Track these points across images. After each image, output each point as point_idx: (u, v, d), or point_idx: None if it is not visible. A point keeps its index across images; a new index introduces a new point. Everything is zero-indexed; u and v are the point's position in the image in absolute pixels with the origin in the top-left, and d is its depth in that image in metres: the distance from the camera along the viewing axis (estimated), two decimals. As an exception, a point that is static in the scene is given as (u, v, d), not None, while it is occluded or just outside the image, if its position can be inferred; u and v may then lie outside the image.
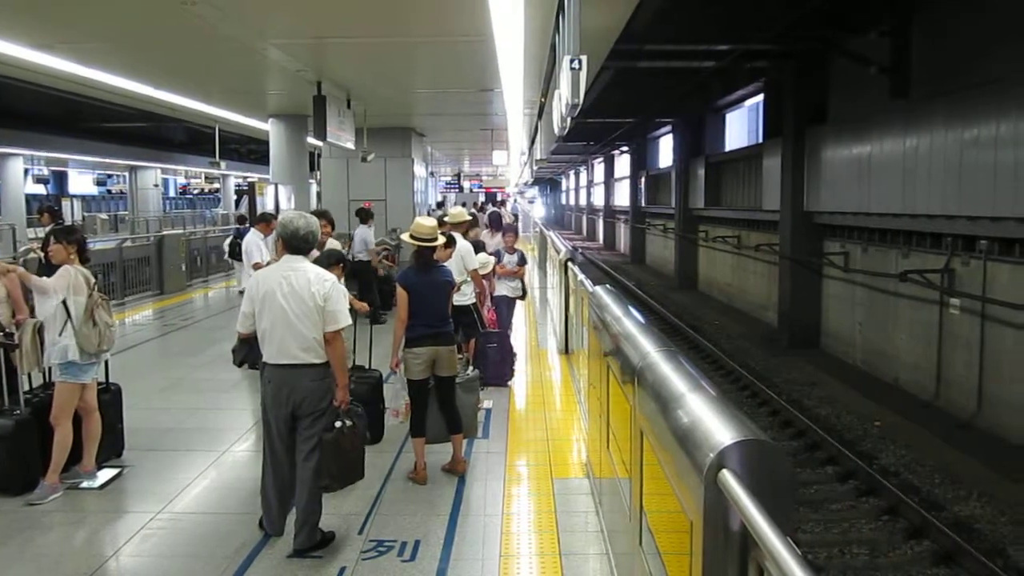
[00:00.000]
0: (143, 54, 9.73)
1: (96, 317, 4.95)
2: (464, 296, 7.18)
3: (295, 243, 4.23)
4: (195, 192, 52.47)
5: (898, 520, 7.61)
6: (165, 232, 19.93)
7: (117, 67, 10.51)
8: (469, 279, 7.23)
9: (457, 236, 7.44)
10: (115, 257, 13.54)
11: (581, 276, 7.61)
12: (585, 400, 6.26)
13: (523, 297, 8.98)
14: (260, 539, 4.35)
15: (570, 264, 8.95)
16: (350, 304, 4.71)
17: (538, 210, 65.01)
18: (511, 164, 28.75)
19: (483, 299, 7.89)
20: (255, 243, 8.62)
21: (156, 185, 36.16)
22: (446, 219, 7.76)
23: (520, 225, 32.37)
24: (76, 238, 5.11)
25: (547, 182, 67.37)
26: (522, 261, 8.81)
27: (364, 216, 11.79)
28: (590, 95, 16.96)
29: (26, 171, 28.61)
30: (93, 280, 5.05)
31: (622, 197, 37.33)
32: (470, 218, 8.07)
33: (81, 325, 4.87)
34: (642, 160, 32.19)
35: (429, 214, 14.28)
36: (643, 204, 32.06)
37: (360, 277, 10.77)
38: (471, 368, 6.12)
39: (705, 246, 23.47)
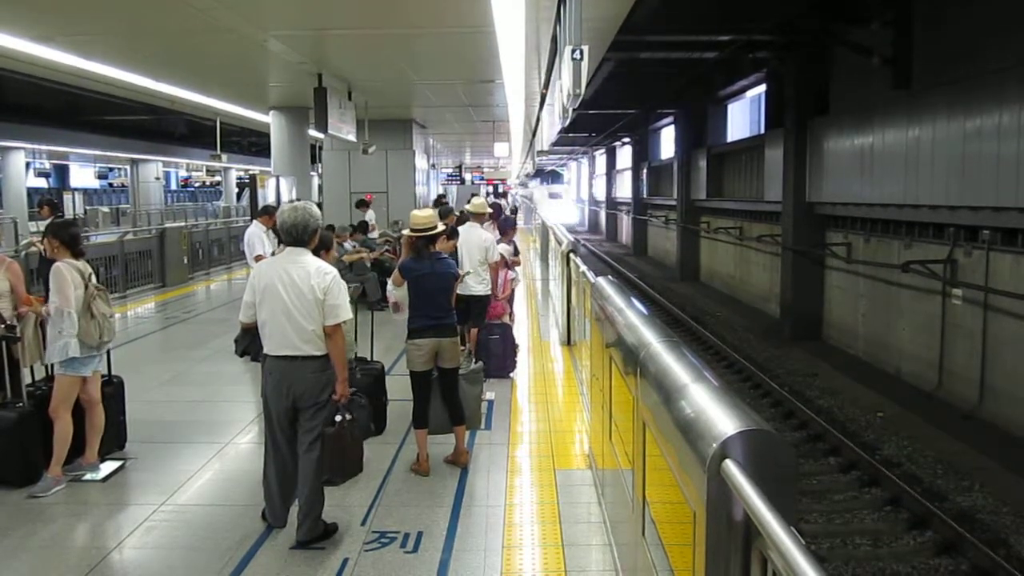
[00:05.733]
0: (143, 46, 9.71)
1: (94, 309, 4.92)
2: (481, 285, 7.29)
3: (286, 236, 4.22)
4: (197, 185, 52.46)
5: (900, 511, 7.61)
6: (167, 225, 19.94)
7: (117, 59, 10.50)
8: (478, 271, 7.26)
9: (476, 227, 7.47)
10: (117, 250, 13.53)
11: (583, 267, 7.60)
12: (587, 391, 6.26)
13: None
14: (263, 531, 4.35)
15: (572, 256, 8.94)
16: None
17: (563, 210, 52.59)
18: (513, 156, 28.72)
19: (507, 290, 8.02)
20: (257, 235, 8.60)
21: (157, 178, 36.19)
22: (466, 207, 7.87)
23: (520, 218, 32.39)
24: (65, 234, 5.01)
25: (548, 174, 67.08)
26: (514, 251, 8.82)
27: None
28: (592, 86, 16.94)
29: (28, 165, 28.61)
30: (88, 271, 5.02)
31: (624, 188, 37.27)
32: (491, 209, 8.11)
33: (79, 318, 4.85)
34: (644, 151, 32.14)
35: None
36: (645, 195, 32.01)
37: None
38: (475, 360, 6.11)
39: (707, 237, 23.44)
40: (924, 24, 11.46)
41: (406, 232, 5.43)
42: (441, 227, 5.49)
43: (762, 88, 18.99)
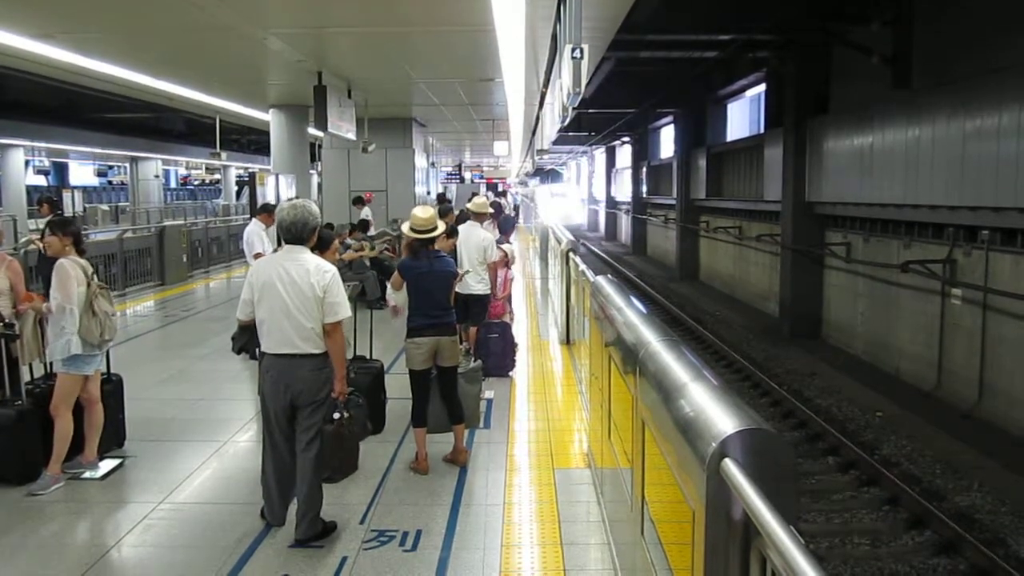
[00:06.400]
0: (143, 44, 9.70)
1: (96, 307, 4.93)
2: (480, 284, 7.32)
3: (285, 234, 4.22)
4: (196, 183, 52.45)
5: (899, 510, 7.61)
6: (166, 223, 19.93)
7: (117, 57, 10.49)
8: (477, 270, 7.27)
9: (476, 226, 7.48)
10: (116, 248, 13.52)
11: (583, 266, 7.60)
12: (586, 390, 6.26)
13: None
14: (262, 529, 4.35)
15: (571, 255, 8.94)
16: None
17: (567, 211, 46.85)
18: (512, 155, 28.70)
19: (506, 289, 8.04)
20: (256, 233, 8.60)
21: (157, 176, 36.17)
22: (468, 205, 7.87)
23: (520, 216, 32.37)
24: (72, 230, 5.07)
25: (548, 173, 67.03)
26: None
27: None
28: (591, 85, 16.93)
29: (27, 162, 28.59)
30: (91, 270, 5.03)
31: (623, 188, 37.25)
32: (492, 210, 8.13)
33: (81, 316, 4.85)
34: (644, 151, 32.13)
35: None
36: (645, 195, 32.01)
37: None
38: (473, 359, 6.11)
39: (707, 236, 23.44)
40: (924, 23, 11.45)
41: (405, 228, 5.40)
42: (441, 227, 5.49)
43: (761, 88, 18.98)
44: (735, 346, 14.49)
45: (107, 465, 5.25)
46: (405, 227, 5.39)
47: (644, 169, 32.00)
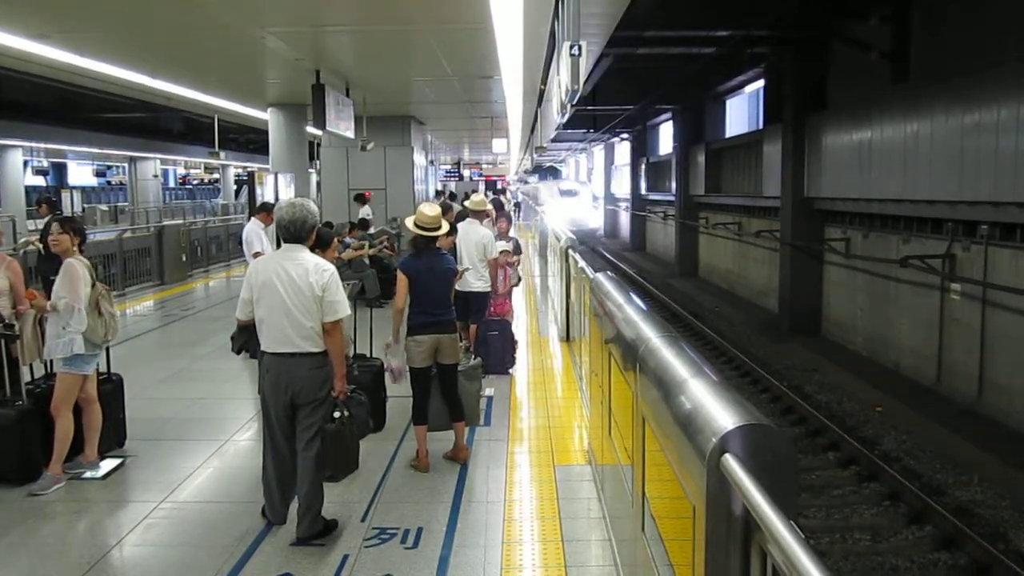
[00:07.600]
0: (140, 43, 9.69)
1: (102, 307, 4.96)
2: (480, 281, 7.34)
3: (283, 233, 4.21)
4: (195, 182, 52.44)
5: (899, 505, 7.62)
6: (165, 223, 19.92)
7: (114, 56, 10.47)
8: (477, 267, 7.27)
9: (476, 223, 7.48)
10: (115, 248, 13.52)
11: (582, 263, 7.59)
12: (586, 387, 6.26)
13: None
14: (263, 527, 4.35)
15: (571, 251, 8.93)
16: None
17: (579, 213, 37.04)
18: (511, 152, 28.67)
19: (507, 285, 8.05)
20: (255, 232, 8.59)
21: (156, 176, 36.17)
22: (466, 204, 7.86)
23: (521, 214, 32.35)
24: (79, 228, 5.10)
25: (547, 170, 66.92)
26: (516, 250, 8.92)
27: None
28: (590, 82, 16.92)
29: (25, 163, 28.59)
30: (93, 271, 5.04)
31: (622, 184, 37.20)
32: (491, 206, 8.15)
33: (87, 316, 4.87)
34: (642, 147, 32.10)
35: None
36: (644, 191, 31.99)
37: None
38: (473, 356, 6.12)
39: (706, 233, 23.43)
40: (922, 18, 11.45)
41: (409, 223, 5.39)
42: (445, 227, 5.49)
43: (760, 83, 18.97)
44: (735, 342, 14.49)
45: (108, 465, 5.25)
46: (409, 222, 5.37)
47: (643, 165, 31.98)
